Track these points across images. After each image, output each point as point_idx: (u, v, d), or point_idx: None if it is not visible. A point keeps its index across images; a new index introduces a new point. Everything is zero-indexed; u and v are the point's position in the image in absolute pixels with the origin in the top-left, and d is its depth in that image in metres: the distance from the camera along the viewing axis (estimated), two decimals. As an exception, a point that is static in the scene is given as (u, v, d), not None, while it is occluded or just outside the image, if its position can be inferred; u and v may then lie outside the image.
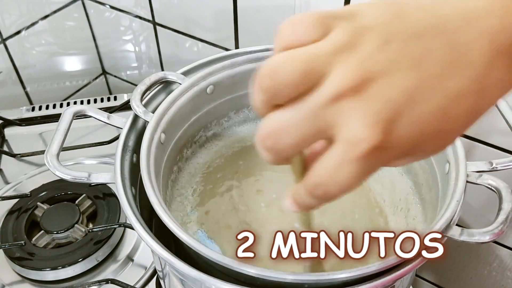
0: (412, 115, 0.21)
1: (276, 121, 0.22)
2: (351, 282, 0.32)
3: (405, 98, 0.21)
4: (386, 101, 0.21)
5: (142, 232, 0.36)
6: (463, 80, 0.21)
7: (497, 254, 0.66)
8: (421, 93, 0.21)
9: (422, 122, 0.21)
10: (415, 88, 0.21)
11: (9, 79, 0.82)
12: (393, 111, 0.21)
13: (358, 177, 0.22)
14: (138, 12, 0.79)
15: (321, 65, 0.21)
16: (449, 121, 0.22)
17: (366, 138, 0.21)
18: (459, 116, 0.22)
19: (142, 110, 0.44)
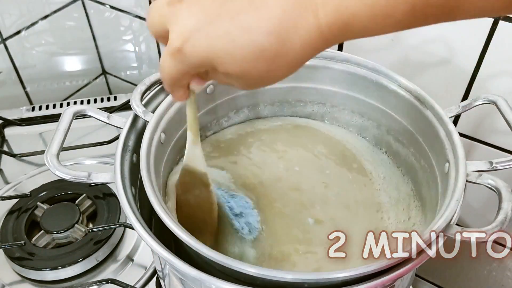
0: (205, 32, 0.27)
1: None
2: (351, 281, 0.32)
3: (204, 19, 0.27)
4: (188, 18, 0.28)
5: (142, 232, 0.36)
6: (257, 17, 0.26)
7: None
8: (217, 18, 0.27)
9: (211, 39, 0.27)
10: (214, 14, 0.27)
11: (9, 79, 0.82)
12: (193, 26, 0.27)
13: (172, 67, 0.30)
14: (138, 12, 0.79)
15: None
16: (237, 48, 0.27)
17: (173, 42, 0.28)
18: (248, 46, 0.27)
19: (142, 110, 0.44)
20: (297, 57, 0.28)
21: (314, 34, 0.27)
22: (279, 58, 0.27)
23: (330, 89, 0.51)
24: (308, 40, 0.27)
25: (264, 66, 0.28)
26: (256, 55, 0.27)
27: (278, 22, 0.26)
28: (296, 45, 0.27)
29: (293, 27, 0.26)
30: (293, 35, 0.27)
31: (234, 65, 0.28)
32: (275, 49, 0.27)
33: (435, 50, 0.53)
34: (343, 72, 0.49)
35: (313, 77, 0.51)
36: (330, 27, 0.27)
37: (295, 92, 0.52)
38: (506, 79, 0.52)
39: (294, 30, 0.27)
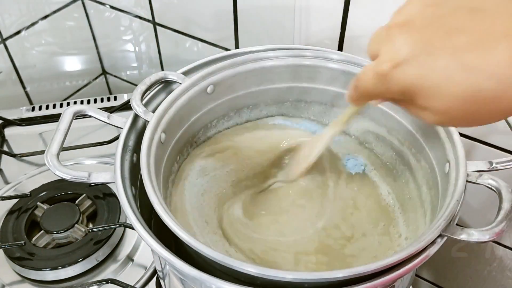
0: (420, 62, 0.27)
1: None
2: (351, 281, 0.32)
3: (422, 49, 0.26)
4: (405, 45, 0.27)
5: (142, 232, 0.36)
6: (483, 58, 0.25)
7: (497, 254, 0.66)
8: (437, 51, 0.26)
9: (424, 70, 0.26)
10: (435, 46, 0.26)
11: (9, 79, 0.82)
12: (407, 54, 0.27)
13: (372, 84, 0.30)
14: (138, 12, 0.79)
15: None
16: (451, 84, 0.26)
17: (382, 64, 0.28)
18: (464, 85, 0.25)
19: (142, 110, 0.44)
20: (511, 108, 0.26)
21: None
22: (492, 104, 0.26)
23: (330, 89, 0.51)
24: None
25: (471, 109, 0.26)
26: (469, 96, 0.26)
27: (505, 68, 0.24)
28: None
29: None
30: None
31: (439, 101, 0.27)
32: (493, 94, 0.25)
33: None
34: (343, 72, 0.49)
35: (313, 77, 0.51)
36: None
37: (295, 92, 0.52)
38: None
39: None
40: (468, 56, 0.25)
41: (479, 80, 0.25)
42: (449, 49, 0.26)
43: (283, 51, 0.49)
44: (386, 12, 0.31)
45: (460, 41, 0.25)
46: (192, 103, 0.47)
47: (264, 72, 0.50)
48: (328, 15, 0.58)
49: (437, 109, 0.27)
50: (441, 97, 0.26)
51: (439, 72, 0.26)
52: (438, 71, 0.26)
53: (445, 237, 0.35)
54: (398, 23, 0.28)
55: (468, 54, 0.25)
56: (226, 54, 0.51)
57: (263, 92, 0.52)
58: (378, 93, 0.31)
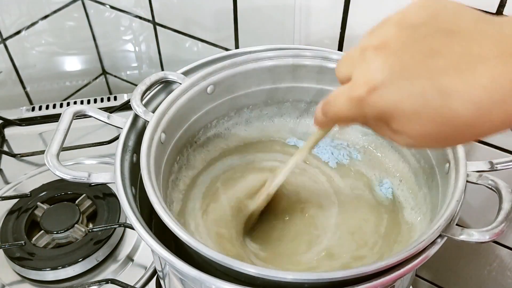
0: (397, 87, 0.26)
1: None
2: (351, 281, 0.32)
3: (399, 73, 0.26)
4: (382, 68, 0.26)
5: (142, 232, 0.36)
6: (460, 82, 0.24)
7: (497, 254, 0.66)
8: (414, 75, 0.25)
9: (401, 95, 0.26)
10: (412, 70, 0.25)
11: (9, 79, 0.82)
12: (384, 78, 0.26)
13: (345, 109, 0.29)
14: (138, 12, 0.79)
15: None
16: (427, 109, 0.25)
17: (356, 88, 0.28)
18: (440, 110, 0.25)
19: (142, 110, 0.44)
20: (491, 130, 0.25)
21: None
22: (469, 128, 0.25)
23: (330, 89, 0.51)
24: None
25: (447, 133, 0.26)
26: (446, 121, 0.25)
27: (483, 93, 0.24)
28: (496, 120, 0.24)
29: (499, 101, 0.24)
30: (496, 109, 0.24)
31: (415, 126, 0.26)
32: (470, 119, 0.24)
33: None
34: (343, 72, 0.49)
35: (313, 77, 0.51)
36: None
37: (295, 92, 0.52)
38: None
39: (500, 104, 0.24)
40: (445, 80, 0.24)
41: (457, 105, 0.24)
42: (426, 73, 0.25)
43: (283, 51, 0.49)
44: (385, 12, 0.30)
45: (437, 65, 0.25)
46: (192, 103, 0.47)
47: (264, 72, 0.50)
48: (328, 15, 0.58)
49: (412, 133, 0.27)
50: (418, 121, 0.26)
51: (416, 97, 0.25)
52: (415, 96, 0.25)
53: (445, 237, 0.35)
54: (372, 45, 0.27)
55: (445, 78, 0.24)
56: (226, 54, 0.51)
57: (263, 92, 0.52)
58: (351, 118, 0.29)
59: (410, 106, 0.25)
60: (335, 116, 0.31)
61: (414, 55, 0.25)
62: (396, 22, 0.27)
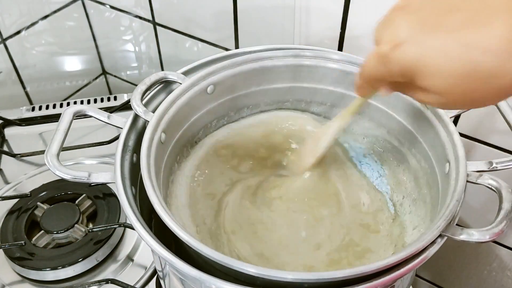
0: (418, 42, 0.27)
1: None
2: (351, 281, 0.32)
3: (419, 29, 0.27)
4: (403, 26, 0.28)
5: (142, 232, 0.36)
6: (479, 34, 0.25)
7: (497, 254, 0.66)
8: (433, 30, 0.27)
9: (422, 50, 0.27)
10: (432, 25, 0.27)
11: (9, 79, 0.82)
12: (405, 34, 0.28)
13: (374, 68, 0.31)
14: (138, 12, 0.79)
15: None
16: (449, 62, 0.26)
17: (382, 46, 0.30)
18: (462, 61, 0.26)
19: (143, 110, 0.44)
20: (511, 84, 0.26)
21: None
22: (493, 79, 0.26)
23: (330, 89, 0.51)
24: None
25: (472, 85, 0.26)
26: (469, 72, 0.26)
27: (501, 41, 0.25)
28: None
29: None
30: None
31: (439, 80, 0.27)
32: (492, 69, 0.25)
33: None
34: (343, 72, 0.49)
35: (313, 77, 0.51)
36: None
37: (295, 92, 0.52)
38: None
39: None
40: (464, 32, 0.25)
41: (476, 56, 0.25)
42: (445, 27, 0.26)
43: (283, 51, 0.49)
44: (386, 12, 0.31)
45: (457, 18, 0.26)
46: (192, 103, 0.47)
47: (264, 72, 0.50)
48: (328, 15, 0.58)
49: (437, 88, 0.28)
50: (440, 75, 0.27)
51: (436, 50, 0.26)
52: (435, 49, 0.26)
53: (445, 237, 0.35)
54: (397, 7, 0.30)
55: (464, 30, 0.25)
56: (226, 54, 0.51)
57: (263, 92, 0.52)
58: (380, 77, 0.31)
59: (431, 59, 0.26)
60: (367, 77, 0.32)
61: (434, 11, 0.27)
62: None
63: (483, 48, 0.25)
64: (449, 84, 0.27)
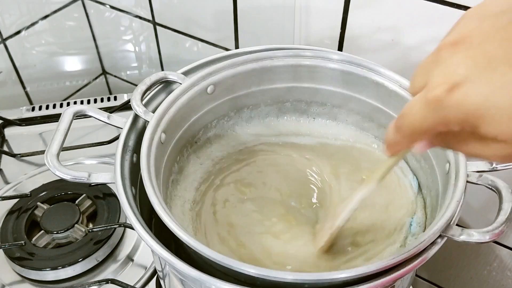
0: (483, 81, 0.22)
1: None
2: (351, 282, 0.32)
3: (484, 65, 0.23)
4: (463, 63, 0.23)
5: (142, 232, 0.36)
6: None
7: (497, 254, 0.66)
8: (503, 65, 0.22)
9: (489, 90, 0.22)
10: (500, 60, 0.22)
11: (9, 79, 0.82)
12: (466, 72, 0.23)
13: (422, 116, 0.25)
14: (138, 12, 0.79)
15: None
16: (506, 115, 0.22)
17: (434, 88, 0.24)
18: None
19: (143, 110, 0.44)
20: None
21: None
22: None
23: (330, 89, 0.51)
24: None
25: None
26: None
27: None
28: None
29: None
30: None
31: (508, 126, 0.22)
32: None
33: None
34: (343, 72, 0.49)
35: (313, 77, 0.51)
36: None
37: (295, 92, 0.52)
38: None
39: None
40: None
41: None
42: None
43: (283, 51, 0.49)
44: (386, 12, 0.30)
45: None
46: (192, 103, 0.47)
47: (264, 72, 0.50)
48: (328, 15, 0.58)
49: (506, 135, 0.23)
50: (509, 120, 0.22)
51: (508, 89, 0.22)
52: (508, 88, 0.22)
53: (445, 237, 0.35)
54: (449, 42, 0.24)
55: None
56: (226, 54, 0.51)
57: (263, 92, 0.52)
58: (430, 127, 0.25)
59: (503, 99, 0.22)
60: (411, 128, 0.26)
61: (501, 43, 0.23)
62: (475, 14, 0.25)
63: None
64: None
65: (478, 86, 0.22)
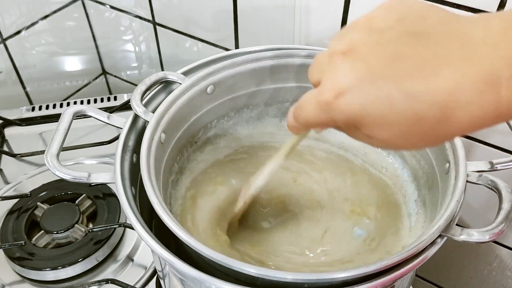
0: (363, 92, 0.26)
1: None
2: (351, 281, 0.32)
3: (365, 78, 0.26)
4: (348, 73, 0.26)
5: (142, 232, 0.36)
6: (425, 86, 0.24)
7: (497, 254, 0.66)
8: (380, 79, 0.25)
9: (368, 100, 0.26)
10: (378, 74, 0.25)
11: (9, 79, 0.82)
12: (350, 82, 0.26)
13: (314, 114, 0.29)
14: (138, 12, 0.79)
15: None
16: (394, 113, 0.25)
17: (324, 93, 0.28)
18: (407, 113, 0.25)
19: (142, 110, 0.44)
20: (458, 132, 0.26)
21: (488, 111, 0.24)
22: (436, 131, 0.25)
23: (330, 89, 0.51)
24: (479, 117, 0.24)
25: (416, 136, 0.26)
26: (413, 124, 0.25)
27: (447, 95, 0.24)
28: (462, 121, 0.24)
29: (464, 103, 0.24)
30: (461, 111, 0.24)
31: (383, 130, 0.26)
32: (436, 121, 0.25)
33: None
34: (343, 72, 0.49)
35: (313, 77, 0.51)
36: (510, 105, 0.24)
37: (295, 92, 0.52)
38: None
39: (465, 105, 0.24)
40: (410, 83, 0.24)
41: (422, 108, 0.24)
42: (392, 77, 0.25)
43: (283, 51, 0.49)
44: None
45: (403, 68, 0.25)
46: (192, 103, 0.47)
47: (264, 72, 0.50)
48: (328, 15, 0.58)
49: (383, 137, 0.27)
50: (385, 126, 0.26)
51: (382, 101, 0.25)
52: (381, 100, 0.25)
53: (445, 237, 0.35)
54: (340, 50, 0.27)
55: (410, 81, 0.24)
56: (226, 54, 0.51)
57: (263, 92, 0.52)
58: (321, 123, 0.29)
59: (376, 110, 0.26)
60: (305, 121, 0.30)
61: (380, 59, 0.25)
62: (363, 26, 0.27)
63: (429, 101, 0.24)
64: (393, 134, 0.26)
65: (358, 96, 0.26)
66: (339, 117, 0.27)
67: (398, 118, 0.25)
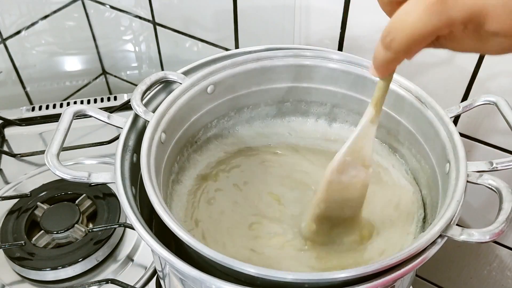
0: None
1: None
2: (351, 282, 0.32)
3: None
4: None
5: (142, 232, 0.36)
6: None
7: (497, 254, 0.66)
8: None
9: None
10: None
11: (9, 79, 0.82)
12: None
13: (423, 23, 0.24)
14: (138, 12, 0.79)
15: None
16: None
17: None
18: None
19: (143, 110, 0.44)
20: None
21: None
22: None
23: (330, 89, 0.51)
24: None
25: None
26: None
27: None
28: None
29: None
30: None
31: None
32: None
33: (435, 50, 0.53)
34: (343, 72, 0.49)
35: (313, 77, 0.51)
36: None
37: (295, 92, 0.52)
38: (506, 79, 0.52)
39: None
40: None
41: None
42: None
43: (283, 51, 0.49)
44: None
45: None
46: (192, 103, 0.47)
47: (264, 72, 0.50)
48: (328, 15, 0.58)
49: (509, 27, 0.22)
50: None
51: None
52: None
53: (445, 237, 0.35)
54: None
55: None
56: (226, 54, 0.51)
57: (263, 92, 0.52)
58: (431, 33, 0.24)
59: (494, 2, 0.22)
60: (409, 39, 0.25)
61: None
62: None
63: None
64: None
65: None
66: (458, 14, 0.23)
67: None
